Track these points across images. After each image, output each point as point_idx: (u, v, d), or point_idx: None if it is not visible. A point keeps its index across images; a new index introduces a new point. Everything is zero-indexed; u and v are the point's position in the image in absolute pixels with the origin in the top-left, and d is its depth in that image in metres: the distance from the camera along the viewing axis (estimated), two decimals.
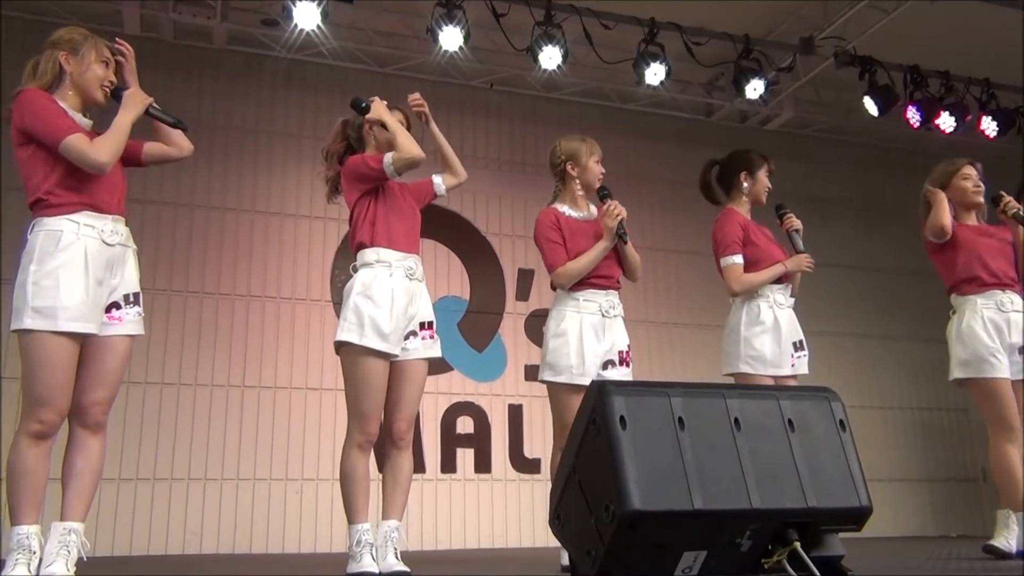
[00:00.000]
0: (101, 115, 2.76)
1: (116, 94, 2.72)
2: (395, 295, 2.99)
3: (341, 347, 2.99)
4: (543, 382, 3.41)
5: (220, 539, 5.42)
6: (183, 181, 5.86)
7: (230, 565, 4.47)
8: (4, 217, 5.17)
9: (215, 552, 5.37)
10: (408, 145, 3.01)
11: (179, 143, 2.87)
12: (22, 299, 2.47)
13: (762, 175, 3.80)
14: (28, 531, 2.43)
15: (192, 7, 5.68)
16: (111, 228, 2.60)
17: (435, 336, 3.12)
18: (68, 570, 2.43)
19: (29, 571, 2.38)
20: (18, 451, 2.45)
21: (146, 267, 5.36)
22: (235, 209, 6.00)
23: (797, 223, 3.80)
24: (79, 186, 2.56)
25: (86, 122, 2.69)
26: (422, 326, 3.07)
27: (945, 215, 3.69)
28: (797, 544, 2.03)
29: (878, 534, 3.18)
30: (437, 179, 3.29)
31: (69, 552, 2.45)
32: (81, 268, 2.50)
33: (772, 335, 3.60)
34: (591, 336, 3.32)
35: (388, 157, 3.01)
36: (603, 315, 3.36)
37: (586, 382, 3.21)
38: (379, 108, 3.13)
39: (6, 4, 5.51)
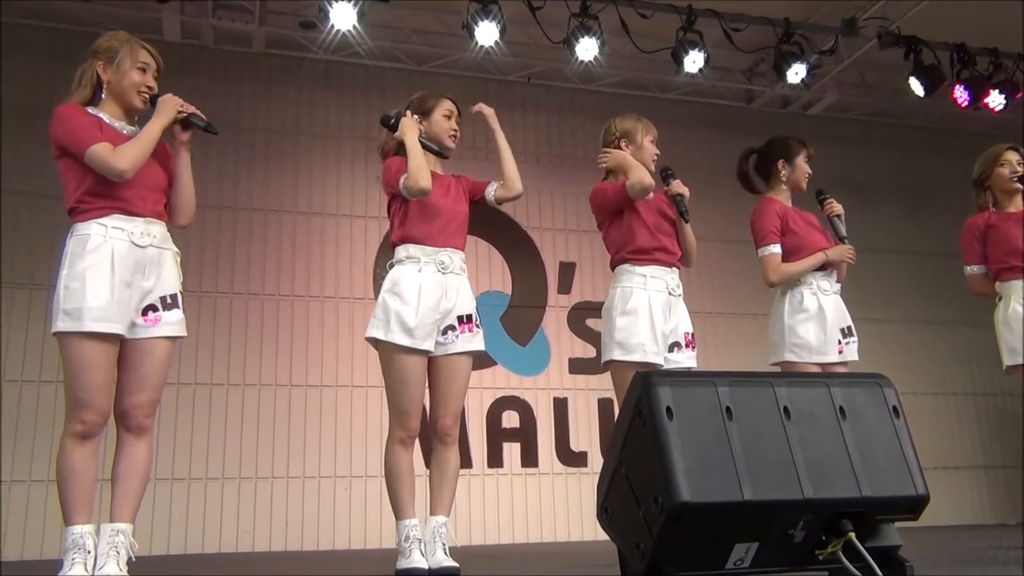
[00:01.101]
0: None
1: (155, 101, 2.72)
2: (423, 290, 2.98)
3: (376, 344, 3.01)
4: (610, 363, 3.26)
5: (272, 537, 5.50)
6: (226, 184, 5.94)
7: (282, 562, 4.53)
8: (4, 220, 5.29)
9: (267, 550, 5.45)
10: (415, 175, 2.98)
11: (183, 210, 2.78)
12: (56, 303, 2.52)
13: (800, 161, 3.73)
14: (82, 531, 2.47)
15: (231, 12, 5.75)
16: (142, 230, 2.60)
17: (476, 329, 3.08)
18: (120, 569, 2.46)
19: (86, 570, 2.42)
20: (64, 452, 2.50)
21: (192, 270, 5.54)
22: (277, 210, 6.07)
23: (838, 208, 3.72)
24: (109, 191, 2.58)
25: (131, 129, 2.71)
26: (460, 320, 3.04)
27: None
28: (852, 534, 1.99)
29: (934, 523, 3.12)
30: (491, 188, 3.24)
31: (119, 553, 2.48)
32: (107, 270, 2.52)
33: (816, 322, 3.55)
34: (659, 314, 3.23)
35: (403, 180, 3.01)
36: (669, 293, 3.29)
37: (659, 361, 3.18)
38: (405, 126, 3.09)
39: (46, 14, 5.63)
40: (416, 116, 3.17)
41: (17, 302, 5.35)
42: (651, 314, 3.22)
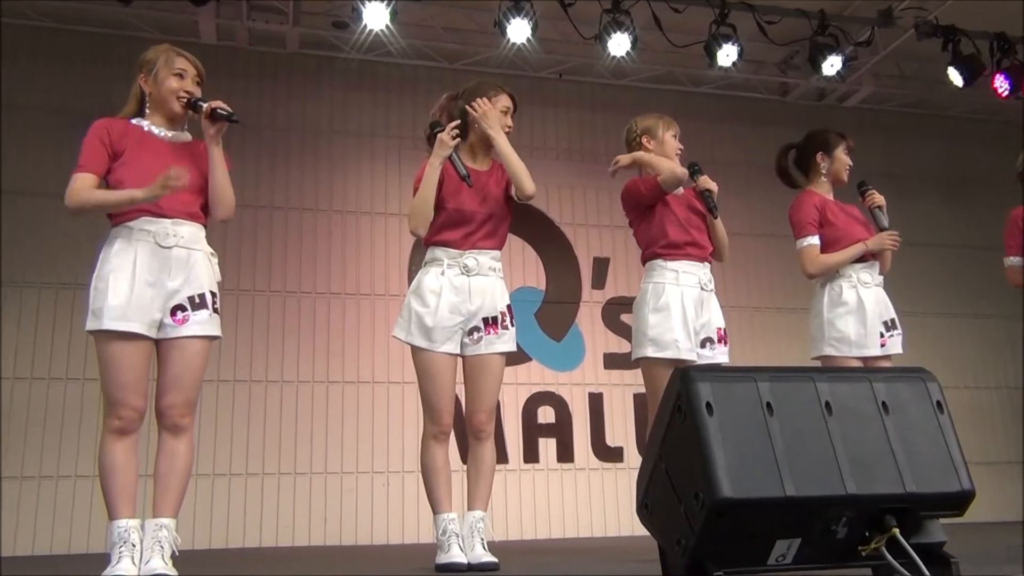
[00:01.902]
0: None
1: (195, 106, 2.76)
2: (443, 293, 3.01)
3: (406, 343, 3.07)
4: (642, 359, 3.26)
5: (311, 532, 5.56)
6: (262, 184, 6.00)
7: (322, 557, 4.58)
8: (4, 220, 5.38)
9: (307, 544, 5.51)
10: (413, 216, 3.08)
11: (218, 204, 2.77)
12: (87, 304, 2.61)
13: (840, 153, 3.70)
14: (127, 525, 2.52)
15: (265, 14, 5.81)
16: (168, 231, 2.64)
17: (503, 331, 3.08)
18: (165, 563, 2.51)
19: (133, 563, 2.47)
20: (104, 448, 2.57)
21: (230, 269, 5.61)
22: (312, 209, 6.13)
23: (879, 199, 3.68)
24: None
25: (175, 135, 2.79)
26: (486, 322, 3.05)
27: None
28: (896, 530, 1.97)
29: (978, 519, 3.07)
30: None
31: (163, 547, 2.53)
32: (129, 271, 2.58)
33: (856, 316, 3.52)
34: (691, 309, 3.23)
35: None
36: (702, 288, 3.29)
37: (693, 357, 3.17)
38: (437, 144, 3.08)
39: (90, 18, 5.73)
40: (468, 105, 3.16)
41: (16, 301, 5.44)
42: (684, 310, 3.22)
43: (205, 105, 2.72)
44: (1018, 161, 3.77)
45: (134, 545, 2.51)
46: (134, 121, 2.77)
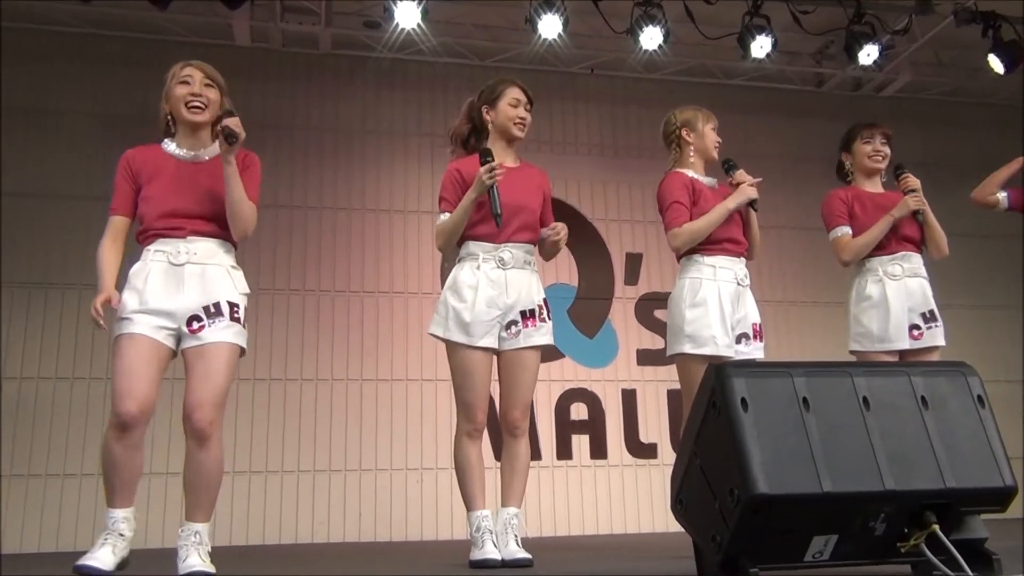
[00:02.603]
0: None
1: (228, 138, 2.69)
2: (480, 287, 3.01)
3: (442, 341, 3.07)
4: (678, 355, 3.24)
5: (347, 528, 5.61)
6: (296, 184, 6.06)
7: (357, 553, 4.61)
8: (3, 222, 5.47)
9: (342, 540, 5.56)
10: (445, 232, 3.08)
11: (232, 222, 2.77)
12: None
13: (859, 145, 3.71)
14: (117, 515, 2.59)
15: (298, 15, 5.85)
16: (180, 249, 2.69)
17: (540, 323, 3.07)
18: (203, 560, 2.55)
19: (114, 554, 2.54)
20: (104, 443, 2.62)
21: (264, 269, 5.68)
22: (346, 208, 6.17)
23: (913, 182, 3.64)
24: (152, 222, 2.73)
25: (194, 155, 2.81)
26: (523, 315, 3.05)
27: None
28: (936, 527, 1.94)
29: (1018, 515, 3.02)
30: (544, 231, 3.20)
31: (199, 547, 2.57)
32: (141, 287, 2.66)
33: (879, 310, 3.50)
34: (728, 305, 3.22)
35: (439, 221, 3.12)
36: (738, 283, 3.28)
37: (730, 353, 3.14)
38: (476, 183, 3.02)
39: (128, 24, 5.82)
40: (485, 107, 3.18)
41: (17, 301, 5.53)
42: (721, 305, 3.20)
43: (218, 127, 2.72)
44: None
45: (122, 535, 2.58)
46: (162, 144, 2.83)
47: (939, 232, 3.63)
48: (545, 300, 3.14)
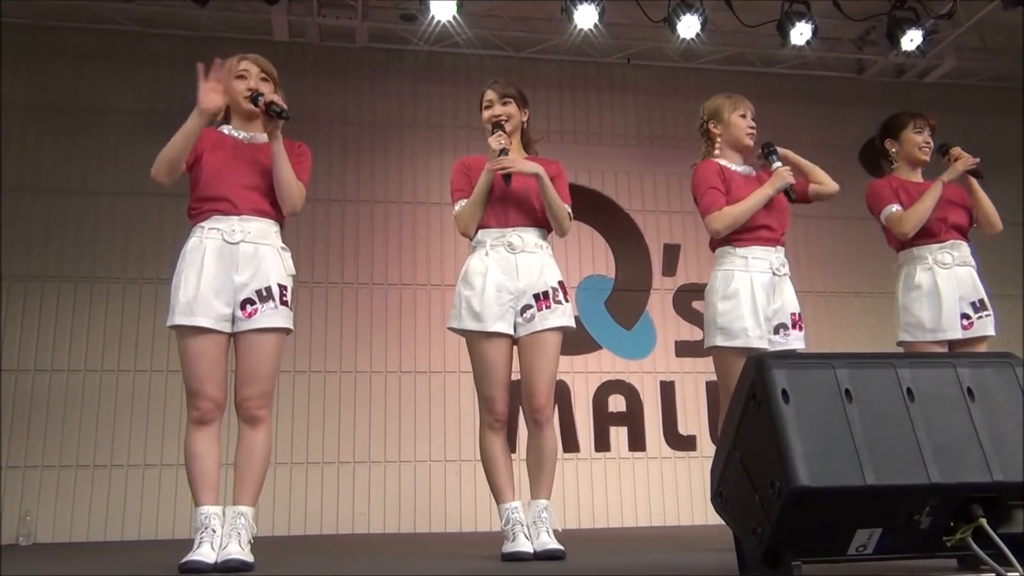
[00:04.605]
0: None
1: (255, 100, 2.81)
2: (489, 273, 3.00)
3: (458, 332, 3.07)
4: (713, 348, 3.20)
5: (386, 519, 5.66)
6: (334, 177, 6.11)
7: (395, 544, 4.65)
8: (5, 217, 5.55)
9: (381, 531, 5.61)
10: (466, 215, 3.07)
11: (282, 199, 2.82)
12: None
13: (908, 134, 3.61)
14: (208, 511, 2.61)
15: (335, 10, 5.90)
16: (236, 227, 2.72)
17: (556, 305, 3.02)
18: (243, 548, 2.58)
19: (212, 549, 2.55)
20: (186, 438, 2.67)
21: (304, 262, 5.71)
22: (383, 201, 6.21)
23: (957, 152, 3.57)
24: (208, 195, 2.76)
25: (250, 135, 2.88)
26: (537, 298, 3.01)
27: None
28: (983, 520, 1.90)
29: None
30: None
31: (240, 534, 2.60)
32: (197, 268, 2.69)
33: (930, 299, 3.42)
34: (762, 295, 3.15)
35: (456, 209, 3.11)
36: (774, 273, 3.20)
37: (764, 345, 3.09)
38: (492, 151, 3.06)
39: (170, 21, 5.91)
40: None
41: (15, 294, 5.61)
42: (753, 296, 3.14)
43: (261, 100, 2.78)
44: None
45: (214, 531, 2.58)
46: (222, 127, 2.91)
47: (989, 206, 3.56)
48: (561, 283, 3.08)
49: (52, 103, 5.86)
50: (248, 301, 2.70)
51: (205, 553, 2.53)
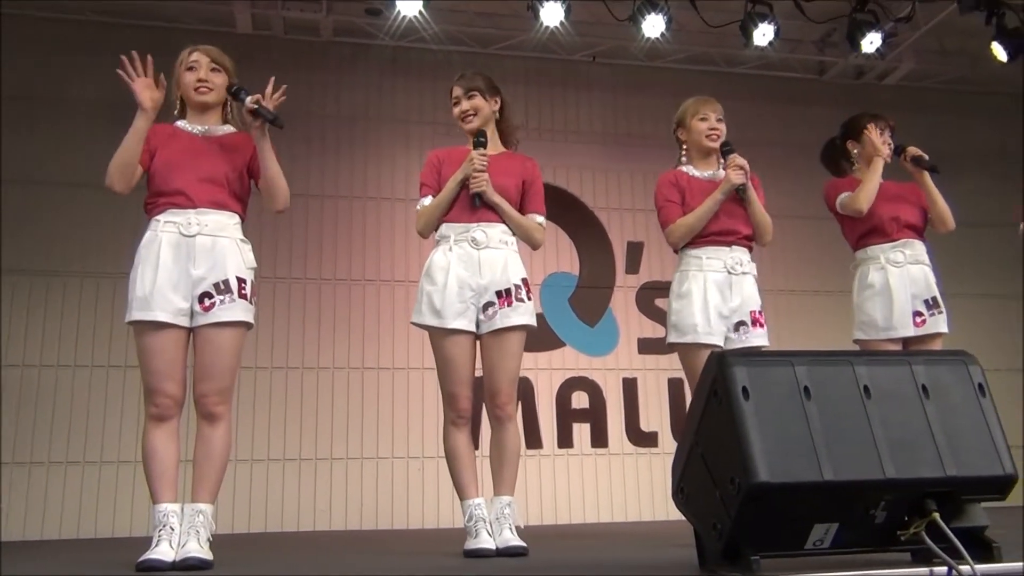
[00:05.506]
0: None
1: (236, 94, 2.81)
2: (451, 268, 2.99)
3: (419, 327, 3.07)
4: (671, 345, 3.31)
5: (348, 516, 5.63)
6: (297, 172, 6.03)
7: (357, 541, 4.63)
8: (4, 209, 5.47)
9: (343, 528, 5.58)
10: (428, 216, 3.10)
11: (270, 195, 2.83)
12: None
13: (868, 135, 3.67)
14: (166, 509, 2.57)
15: (300, 3, 5.84)
16: (192, 220, 2.69)
17: (518, 303, 3.01)
18: (201, 546, 2.55)
19: (171, 547, 2.52)
20: (144, 434, 2.64)
21: (266, 257, 5.63)
22: (348, 196, 6.17)
23: (915, 151, 3.66)
24: (164, 190, 2.73)
25: (220, 130, 2.87)
26: (499, 295, 2.99)
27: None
28: (936, 515, 1.95)
29: (1019, 503, 3.03)
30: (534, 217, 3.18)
31: (199, 531, 2.57)
32: (153, 262, 2.65)
33: (882, 298, 3.52)
34: (715, 294, 3.22)
35: (419, 206, 3.13)
36: (728, 272, 3.26)
37: (715, 341, 3.16)
38: (465, 165, 3.06)
39: (132, 11, 5.80)
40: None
41: (18, 290, 5.55)
42: (705, 295, 3.22)
43: (248, 100, 2.74)
44: None
45: (172, 529, 2.55)
46: (177, 123, 2.87)
47: (942, 205, 3.63)
48: (525, 280, 3.07)
49: (10, 92, 5.72)
50: (206, 295, 2.66)
51: (163, 551, 2.50)
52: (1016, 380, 6.68)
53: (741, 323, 3.24)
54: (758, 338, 3.26)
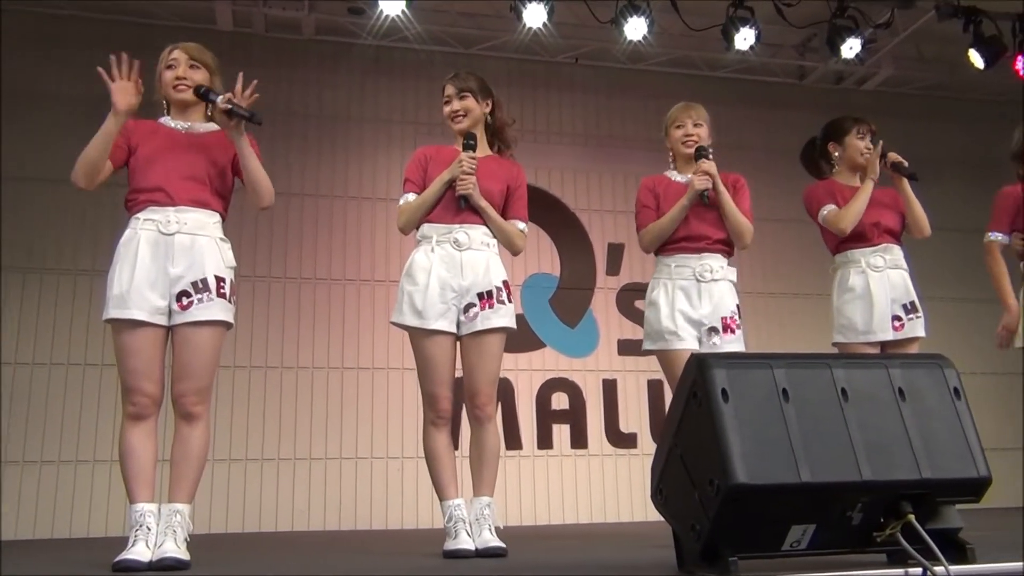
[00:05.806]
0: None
1: (205, 96, 2.79)
2: (433, 269, 2.99)
3: (399, 327, 3.07)
4: (646, 352, 3.39)
5: (326, 516, 5.61)
6: (278, 171, 5.93)
7: (336, 541, 4.61)
8: (4, 207, 5.42)
9: (321, 528, 5.55)
10: (409, 212, 3.09)
11: (254, 193, 2.83)
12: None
13: (852, 139, 3.71)
14: (143, 509, 2.56)
15: (282, 1, 5.81)
16: (171, 218, 2.67)
17: (499, 305, 3.00)
18: (178, 546, 2.53)
19: (147, 547, 2.50)
20: (121, 433, 2.62)
21: (246, 256, 5.63)
22: (328, 196, 6.14)
23: (895, 156, 3.67)
24: (143, 187, 2.71)
25: (203, 127, 2.85)
26: (480, 297, 2.99)
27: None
28: (911, 516, 1.97)
29: (997, 505, 3.07)
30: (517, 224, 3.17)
31: (176, 531, 2.55)
32: (131, 260, 2.64)
33: (862, 302, 3.55)
34: (683, 300, 3.27)
35: (402, 201, 3.11)
36: (697, 279, 3.28)
37: (687, 345, 3.19)
38: (454, 166, 3.05)
39: (113, 7, 5.75)
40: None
41: (13, 286, 5.50)
42: (673, 302, 3.26)
43: (219, 99, 2.71)
44: (1014, 142, 3.77)
45: (149, 529, 2.53)
46: (161, 119, 2.86)
47: (919, 211, 3.66)
48: (506, 282, 3.07)
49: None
50: (184, 293, 2.64)
51: (140, 551, 2.48)
52: (991, 383, 6.77)
53: (712, 329, 3.27)
54: (731, 344, 3.26)
